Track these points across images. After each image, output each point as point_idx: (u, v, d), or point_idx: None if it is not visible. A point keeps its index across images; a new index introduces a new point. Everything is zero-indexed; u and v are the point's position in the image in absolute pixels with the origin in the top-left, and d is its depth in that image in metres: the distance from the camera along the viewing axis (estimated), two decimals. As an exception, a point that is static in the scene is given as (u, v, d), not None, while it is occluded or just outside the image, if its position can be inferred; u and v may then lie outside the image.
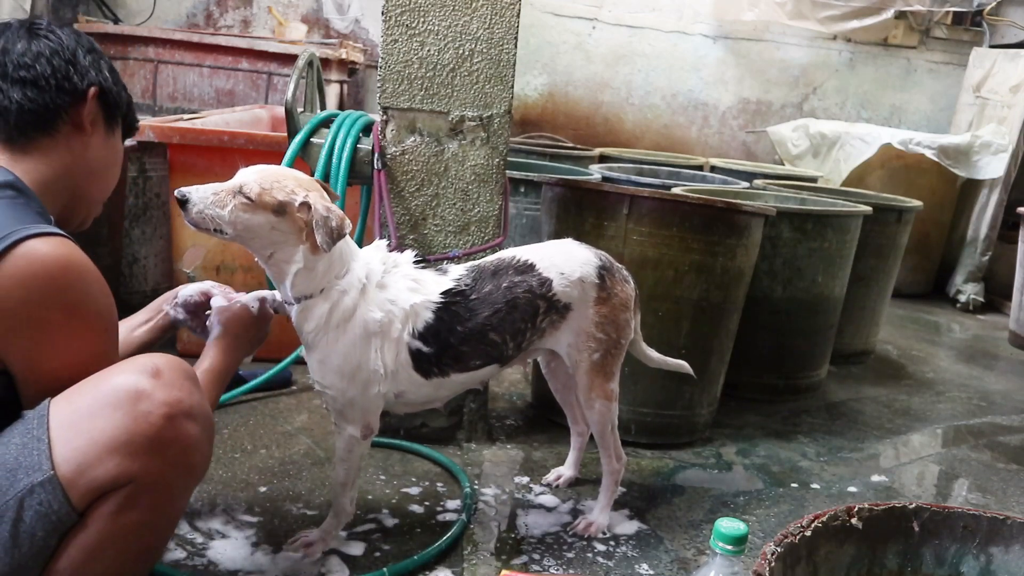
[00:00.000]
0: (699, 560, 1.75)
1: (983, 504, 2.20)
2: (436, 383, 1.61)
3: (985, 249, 4.73)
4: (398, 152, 2.04)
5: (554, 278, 1.65)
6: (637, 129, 5.65)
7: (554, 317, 1.68)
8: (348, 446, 1.60)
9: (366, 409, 1.58)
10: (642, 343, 1.91)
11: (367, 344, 1.52)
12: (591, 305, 1.69)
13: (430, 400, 1.68)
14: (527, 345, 1.68)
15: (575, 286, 1.67)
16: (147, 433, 1.12)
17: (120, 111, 1.39)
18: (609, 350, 1.72)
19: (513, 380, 2.73)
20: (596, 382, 1.73)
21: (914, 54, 5.60)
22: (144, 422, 1.12)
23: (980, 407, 3.01)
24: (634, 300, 1.78)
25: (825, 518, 1.12)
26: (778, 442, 2.48)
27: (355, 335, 1.51)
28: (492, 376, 1.74)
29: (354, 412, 1.57)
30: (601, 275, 1.70)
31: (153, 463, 1.13)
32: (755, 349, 2.71)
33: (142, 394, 1.13)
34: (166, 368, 1.17)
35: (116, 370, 1.17)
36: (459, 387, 1.69)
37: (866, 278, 3.24)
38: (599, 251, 1.77)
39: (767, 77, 5.63)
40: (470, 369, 1.63)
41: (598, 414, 1.76)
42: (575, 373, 1.74)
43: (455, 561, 1.66)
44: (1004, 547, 1.17)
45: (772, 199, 3.17)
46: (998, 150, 4.55)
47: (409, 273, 1.59)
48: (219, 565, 1.56)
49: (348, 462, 1.61)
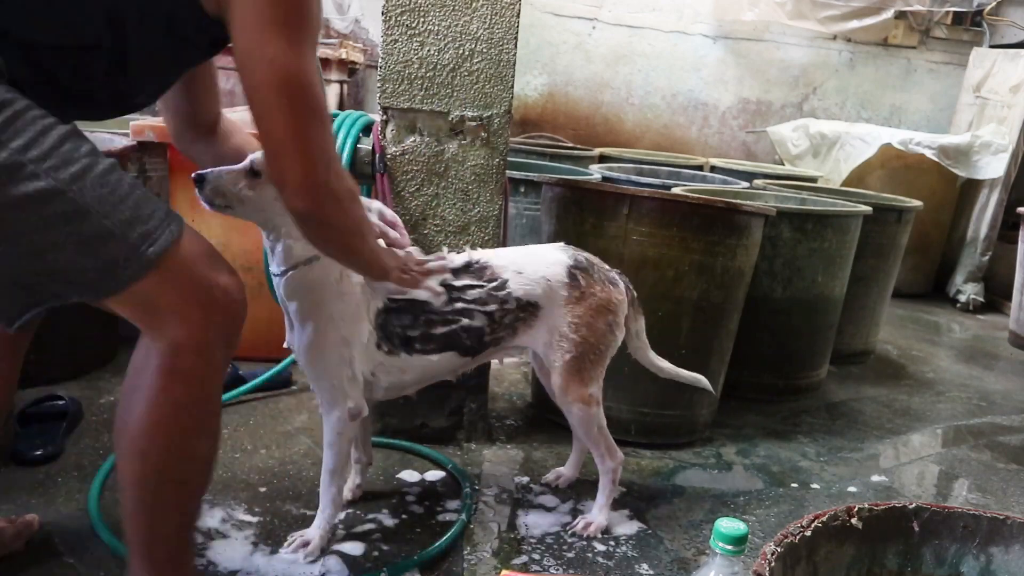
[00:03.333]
0: (699, 560, 1.75)
1: (983, 504, 2.20)
2: (400, 363, 1.64)
3: (985, 249, 4.73)
4: (398, 152, 2.04)
5: (510, 277, 1.67)
6: (637, 129, 5.65)
7: (519, 315, 1.69)
8: (338, 428, 1.60)
9: (352, 385, 1.59)
10: (650, 352, 1.90)
11: (355, 311, 1.57)
12: (562, 305, 1.69)
13: (400, 385, 1.69)
14: (490, 340, 1.69)
15: (538, 284, 1.68)
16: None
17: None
18: (586, 353, 1.71)
19: (513, 380, 2.73)
20: (571, 385, 1.72)
21: (914, 54, 5.60)
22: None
23: (980, 407, 3.01)
24: (627, 304, 1.77)
25: (825, 518, 1.12)
26: (778, 442, 2.48)
27: (345, 302, 1.56)
28: (460, 367, 1.74)
29: (340, 390, 1.58)
30: (573, 275, 1.70)
31: (202, 317, 1.16)
32: (755, 349, 2.72)
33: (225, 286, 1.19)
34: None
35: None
36: (422, 372, 1.69)
37: (866, 278, 3.24)
38: (584, 253, 1.77)
39: (767, 77, 5.63)
40: (427, 352, 1.65)
41: (576, 418, 1.76)
42: (551, 374, 1.74)
43: (455, 561, 1.66)
44: (1004, 547, 1.17)
45: (772, 199, 3.17)
46: (998, 150, 4.55)
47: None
48: (219, 565, 1.56)
49: (337, 446, 1.61)
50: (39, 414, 2.05)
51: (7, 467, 1.85)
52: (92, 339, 2.42)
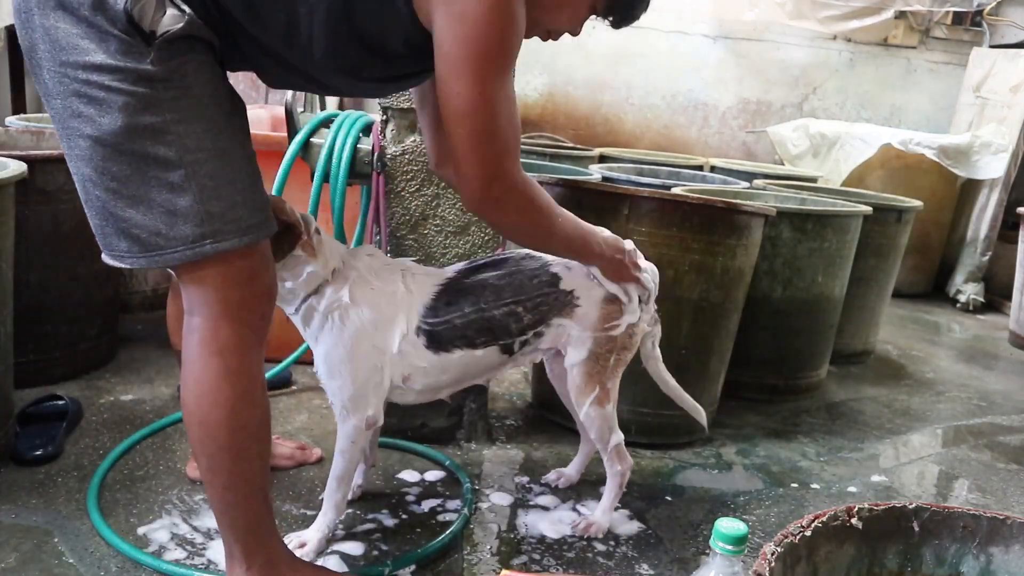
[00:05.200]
0: (699, 560, 1.75)
1: (983, 504, 2.20)
2: (441, 362, 1.61)
3: (985, 249, 4.73)
4: (398, 152, 2.04)
5: (559, 270, 1.67)
6: (637, 129, 5.65)
7: (560, 308, 1.67)
8: (352, 436, 1.59)
9: (376, 393, 1.58)
10: (661, 364, 1.88)
11: (389, 318, 1.56)
12: (598, 302, 1.68)
13: (436, 386, 1.66)
14: (530, 334, 1.66)
15: (582, 277, 1.68)
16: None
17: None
18: (608, 353, 1.70)
19: (513, 380, 2.73)
20: (589, 386, 1.71)
21: (914, 54, 5.60)
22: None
23: (980, 407, 3.01)
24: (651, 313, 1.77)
25: (825, 518, 1.12)
26: (778, 442, 2.48)
27: (376, 311, 1.55)
28: (497, 368, 1.71)
29: (364, 398, 1.57)
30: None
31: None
32: (755, 349, 2.72)
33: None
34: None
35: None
36: (462, 372, 1.66)
37: (866, 278, 3.24)
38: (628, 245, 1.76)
39: (767, 77, 5.63)
40: (475, 347, 1.62)
41: (590, 419, 1.74)
42: (569, 372, 1.72)
43: (455, 561, 1.66)
44: (1004, 547, 1.17)
45: (772, 199, 3.17)
46: (998, 150, 4.55)
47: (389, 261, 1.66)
48: (219, 565, 1.56)
49: (349, 454, 1.61)
50: (39, 414, 2.05)
51: (7, 467, 1.85)
52: (92, 339, 2.42)
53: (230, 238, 1.21)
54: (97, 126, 1.14)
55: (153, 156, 1.16)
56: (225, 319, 1.25)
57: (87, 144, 1.15)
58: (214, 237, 1.20)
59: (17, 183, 1.88)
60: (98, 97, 1.13)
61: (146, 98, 1.14)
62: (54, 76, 1.14)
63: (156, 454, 1.98)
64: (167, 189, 1.17)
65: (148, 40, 1.13)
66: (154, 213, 1.18)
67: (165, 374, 2.46)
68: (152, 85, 1.14)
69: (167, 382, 2.41)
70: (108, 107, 1.13)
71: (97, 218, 1.21)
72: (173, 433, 2.10)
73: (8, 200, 1.85)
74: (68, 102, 1.15)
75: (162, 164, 1.16)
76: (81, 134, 1.15)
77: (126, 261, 1.22)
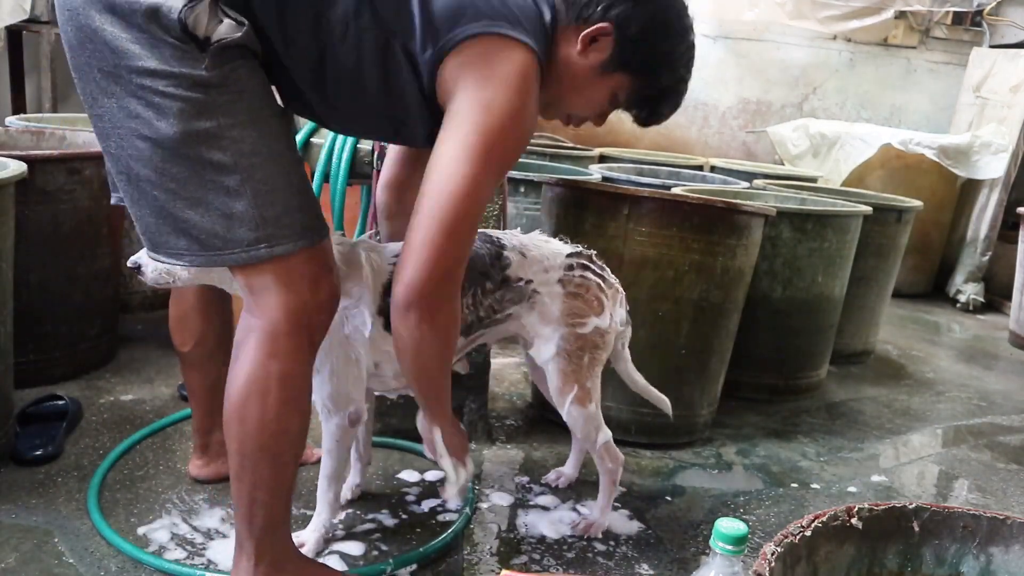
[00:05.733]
0: (699, 560, 1.75)
1: (983, 504, 2.20)
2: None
3: (985, 249, 4.73)
4: (398, 152, 2.04)
5: (510, 253, 1.63)
6: (637, 129, 5.63)
7: (512, 295, 1.64)
8: (337, 435, 1.58)
9: (356, 387, 1.56)
10: (629, 364, 1.86)
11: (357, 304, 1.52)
12: (559, 295, 1.66)
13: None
14: (485, 315, 1.63)
15: (535, 264, 1.65)
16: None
17: (634, 67, 1.43)
18: (580, 350, 1.68)
19: (513, 380, 2.73)
20: (567, 385, 1.69)
21: (914, 54, 5.60)
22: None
23: (980, 407, 3.02)
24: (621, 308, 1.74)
25: (825, 518, 1.12)
26: (778, 442, 2.48)
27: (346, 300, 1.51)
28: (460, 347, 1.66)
29: (343, 394, 1.55)
30: (570, 265, 1.68)
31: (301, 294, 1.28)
32: (755, 349, 2.72)
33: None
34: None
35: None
36: None
37: (866, 278, 3.24)
38: (586, 250, 1.75)
39: (767, 77, 5.63)
40: None
41: (572, 419, 1.73)
42: (547, 374, 1.70)
43: (455, 561, 1.66)
44: (1004, 547, 1.17)
45: (772, 199, 3.17)
46: (998, 150, 4.55)
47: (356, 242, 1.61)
48: (219, 565, 1.56)
49: (336, 452, 1.60)
50: (39, 414, 2.05)
51: (7, 467, 1.85)
52: (92, 339, 2.42)
53: (284, 242, 1.23)
54: (155, 130, 1.15)
55: (209, 160, 1.17)
56: (286, 324, 1.26)
57: (145, 145, 1.16)
58: (268, 241, 1.21)
59: (17, 183, 1.88)
60: (154, 102, 1.14)
61: (200, 103, 1.15)
62: (107, 77, 1.15)
63: (156, 454, 1.98)
64: (223, 193, 1.19)
65: (202, 47, 1.14)
66: (212, 215, 1.19)
67: (165, 374, 2.46)
68: (206, 91, 1.15)
69: (167, 382, 2.41)
70: (164, 112, 1.14)
71: (152, 216, 1.22)
72: (173, 433, 2.10)
73: (8, 200, 1.85)
74: (125, 103, 1.15)
75: (218, 168, 1.18)
76: (139, 135, 1.16)
77: (184, 259, 1.23)
